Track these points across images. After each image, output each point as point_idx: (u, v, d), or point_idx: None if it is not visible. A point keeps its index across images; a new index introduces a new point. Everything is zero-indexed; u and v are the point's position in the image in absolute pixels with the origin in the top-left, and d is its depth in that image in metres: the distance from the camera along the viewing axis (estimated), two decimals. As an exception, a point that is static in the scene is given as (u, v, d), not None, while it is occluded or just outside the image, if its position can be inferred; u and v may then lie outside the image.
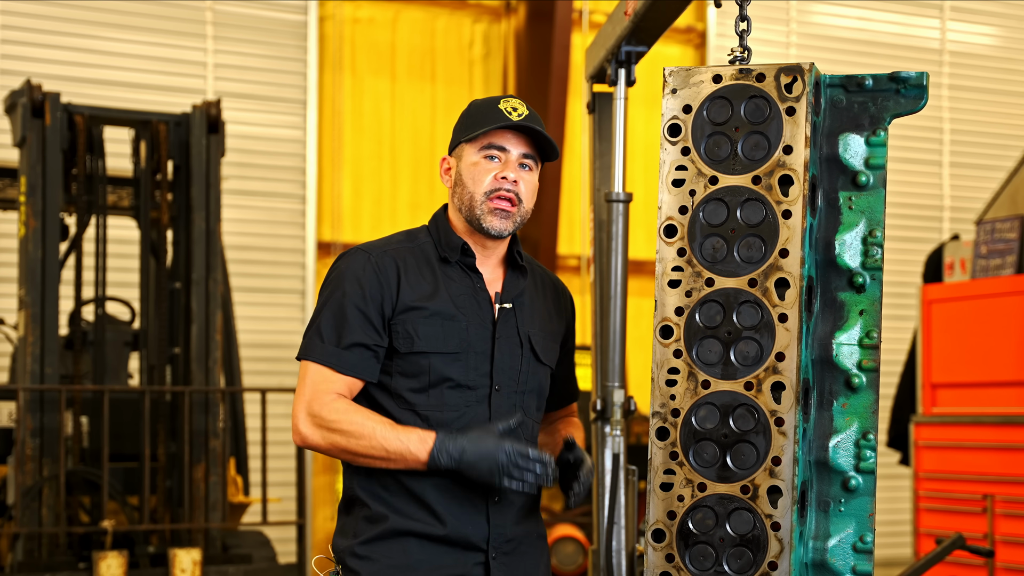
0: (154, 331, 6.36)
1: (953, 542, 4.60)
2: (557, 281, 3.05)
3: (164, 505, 6.27)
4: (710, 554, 2.49)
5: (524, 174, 2.84)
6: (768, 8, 11.20)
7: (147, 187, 6.42)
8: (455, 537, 2.75)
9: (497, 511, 2.79)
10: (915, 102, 2.58)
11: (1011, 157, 11.02)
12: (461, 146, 2.87)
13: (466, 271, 2.85)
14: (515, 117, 2.80)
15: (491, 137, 2.82)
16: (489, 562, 2.77)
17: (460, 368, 2.78)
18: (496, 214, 2.81)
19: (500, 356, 2.82)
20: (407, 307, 2.76)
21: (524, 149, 2.84)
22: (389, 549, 2.74)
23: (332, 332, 2.75)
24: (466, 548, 2.76)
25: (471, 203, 2.82)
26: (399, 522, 2.74)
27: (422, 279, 2.80)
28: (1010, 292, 6.72)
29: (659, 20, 3.93)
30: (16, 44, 8.98)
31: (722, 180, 2.55)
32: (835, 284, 2.58)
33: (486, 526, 2.77)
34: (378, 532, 2.75)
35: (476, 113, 2.86)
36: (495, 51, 10.55)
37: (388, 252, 2.82)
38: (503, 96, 2.86)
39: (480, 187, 2.81)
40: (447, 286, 2.81)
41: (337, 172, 9.94)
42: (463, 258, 2.85)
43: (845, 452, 2.55)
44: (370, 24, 10.15)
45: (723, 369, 2.51)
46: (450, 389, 2.77)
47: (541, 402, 2.94)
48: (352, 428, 2.69)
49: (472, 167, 2.82)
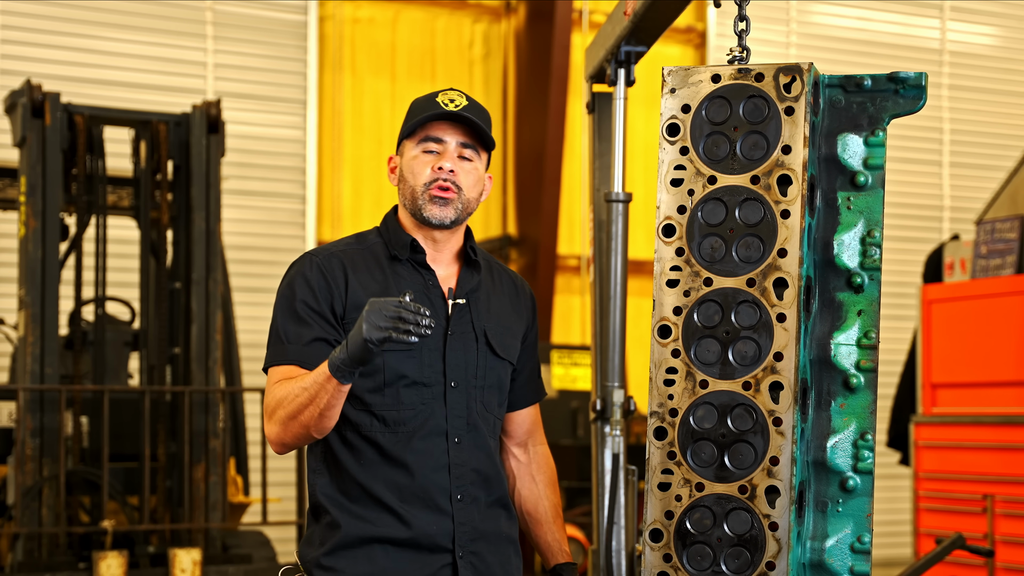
0: (154, 331, 6.36)
1: (953, 542, 4.60)
2: (516, 277, 3.04)
3: (164, 505, 6.27)
4: (708, 554, 2.49)
5: (463, 164, 2.82)
6: (768, 8, 11.20)
7: (147, 187, 6.42)
8: (420, 539, 2.73)
9: (462, 509, 2.77)
10: (914, 102, 2.58)
11: (1011, 157, 11.02)
12: (403, 144, 2.87)
13: (417, 268, 2.84)
14: (452, 108, 2.80)
15: (428, 129, 2.82)
16: (456, 562, 2.75)
17: (414, 365, 2.76)
18: (435, 202, 2.80)
19: (453, 352, 2.80)
20: (356, 306, 2.74)
21: (462, 139, 2.82)
22: (354, 558, 2.71)
23: (293, 333, 2.75)
24: (432, 550, 2.74)
25: (413, 196, 2.82)
26: (363, 529, 2.72)
27: (372, 279, 2.80)
28: (1010, 292, 6.72)
29: (659, 20, 3.93)
30: (16, 44, 8.98)
31: (721, 180, 2.55)
32: (833, 284, 2.58)
33: (451, 524, 2.75)
34: (342, 541, 2.72)
35: (415, 109, 2.85)
36: (495, 51, 10.55)
37: (335, 254, 2.82)
38: (443, 89, 2.86)
39: (420, 179, 2.81)
40: (397, 284, 2.80)
41: (337, 172, 9.95)
42: (413, 255, 2.84)
43: (843, 452, 2.55)
44: (370, 24, 10.16)
45: (721, 369, 2.51)
46: (406, 387, 2.75)
47: (502, 398, 2.92)
48: (282, 394, 2.68)
49: (412, 161, 2.83)
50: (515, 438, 3.04)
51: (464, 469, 2.79)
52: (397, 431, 2.75)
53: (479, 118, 2.83)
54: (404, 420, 2.75)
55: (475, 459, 2.82)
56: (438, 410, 2.77)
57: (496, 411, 2.89)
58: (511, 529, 2.89)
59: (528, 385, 3.03)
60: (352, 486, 2.75)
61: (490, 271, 2.96)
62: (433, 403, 2.77)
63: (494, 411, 2.88)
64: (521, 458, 3.05)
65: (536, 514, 3.02)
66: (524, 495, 3.03)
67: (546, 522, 3.02)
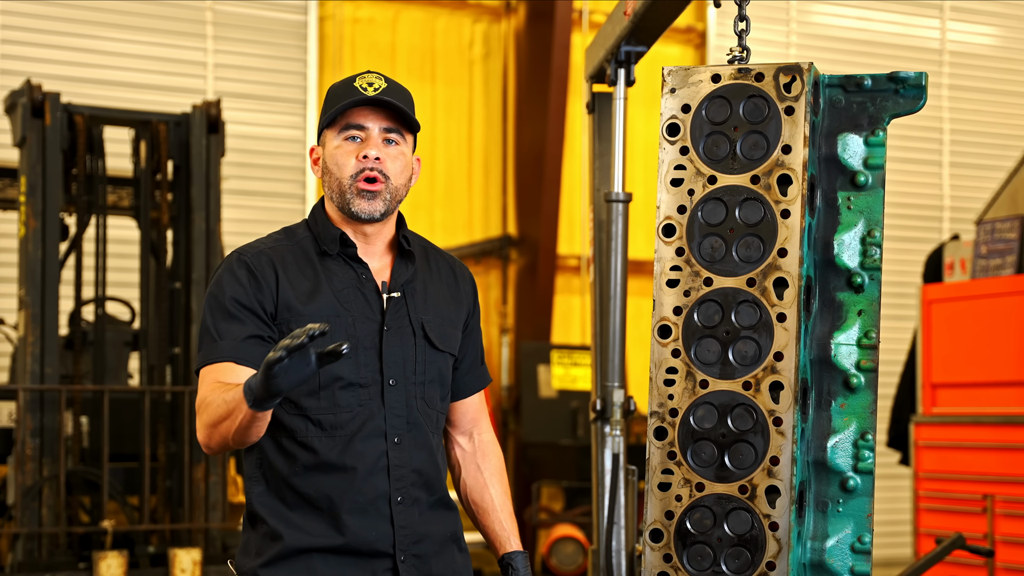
0: (154, 331, 6.36)
1: (953, 542, 4.60)
2: (455, 263, 2.91)
3: (164, 505, 6.27)
4: (708, 554, 2.49)
5: (389, 150, 2.70)
6: (768, 8, 11.20)
7: (147, 187, 6.42)
8: (360, 546, 2.62)
9: (402, 511, 2.67)
10: (914, 102, 2.58)
11: (1011, 157, 11.02)
12: (324, 134, 2.73)
13: (349, 263, 2.72)
14: (371, 92, 2.66)
15: (348, 117, 2.68)
16: (398, 567, 2.65)
17: (350, 366, 2.63)
18: (363, 196, 2.67)
19: (390, 349, 2.68)
20: (288, 307, 2.63)
21: (385, 123, 2.69)
22: (292, 569, 2.61)
23: (224, 330, 2.61)
24: (372, 556, 2.64)
25: (340, 189, 2.69)
26: (300, 539, 2.61)
27: (302, 277, 2.67)
28: (1010, 292, 6.72)
29: (659, 20, 3.93)
30: (16, 44, 8.98)
31: (721, 179, 2.55)
32: (834, 284, 2.58)
33: (390, 529, 2.65)
34: (280, 551, 2.61)
35: (333, 96, 2.71)
36: (495, 51, 10.55)
37: (264, 252, 2.69)
38: (360, 73, 2.73)
39: (345, 171, 2.68)
40: (329, 281, 2.68)
41: (337, 172, 9.94)
42: (344, 249, 2.71)
43: (843, 452, 2.55)
44: (370, 24, 10.16)
45: (721, 369, 2.51)
46: (341, 389, 2.63)
47: (445, 391, 2.81)
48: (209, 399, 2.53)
49: (335, 151, 2.69)
50: (459, 428, 2.93)
51: (404, 471, 2.68)
52: (334, 435, 2.64)
53: (401, 100, 2.69)
54: (341, 423, 2.64)
55: (416, 459, 2.70)
56: (376, 411, 2.66)
57: (439, 405, 2.78)
58: (455, 527, 2.80)
59: (471, 372, 2.91)
60: (289, 493, 2.64)
61: (426, 258, 2.84)
62: (371, 404, 2.66)
63: (436, 406, 2.77)
64: (466, 447, 2.94)
65: (482, 504, 2.92)
66: (469, 485, 2.93)
67: (492, 511, 2.91)
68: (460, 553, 2.81)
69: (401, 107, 2.69)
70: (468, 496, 2.94)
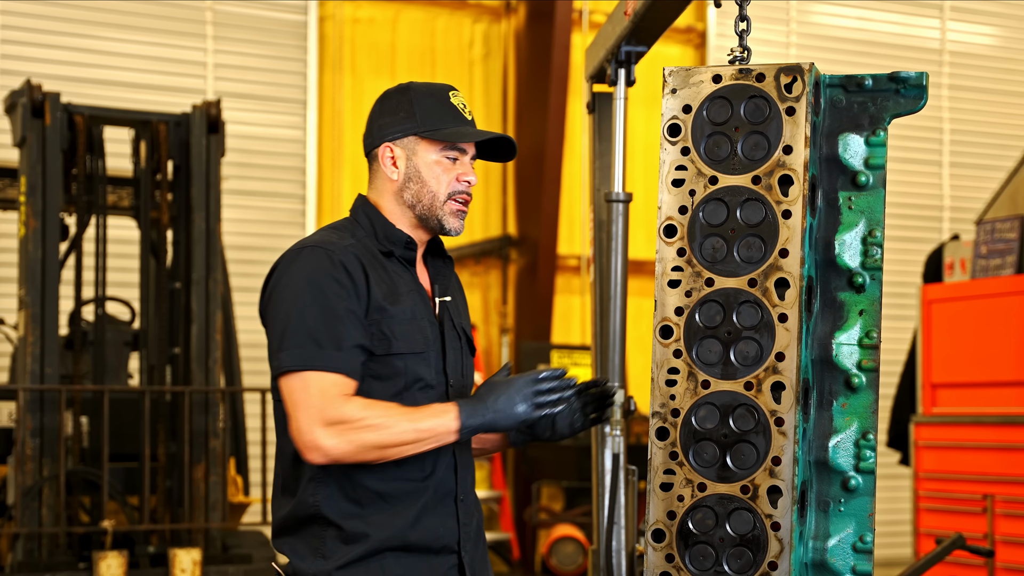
0: (154, 331, 6.36)
1: (953, 542, 4.60)
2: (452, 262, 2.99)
3: (164, 505, 6.27)
4: (710, 554, 2.49)
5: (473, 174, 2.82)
6: (768, 8, 11.21)
7: (147, 187, 6.42)
8: (430, 542, 2.69)
9: (463, 508, 2.75)
10: (915, 102, 2.58)
11: (1011, 157, 11.02)
12: (415, 140, 2.78)
13: (405, 266, 2.77)
14: (467, 115, 2.80)
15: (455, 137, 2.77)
16: (462, 562, 2.74)
17: (427, 367, 2.70)
18: (457, 215, 2.77)
19: (449, 352, 2.76)
20: (377, 307, 2.65)
21: (474, 151, 2.82)
22: (367, 570, 2.64)
23: (327, 336, 2.59)
24: (439, 552, 2.71)
25: (432, 202, 2.75)
26: (373, 540, 2.65)
27: (380, 275, 2.70)
28: (1010, 292, 6.72)
29: (659, 20, 3.93)
30: (16, 44, 8.98)
31: (722, 180, 2.55)
32: (835, 284, 2.58)
33: (456, 526, 2.73)
34: (356, 554, 2.64)
35: (432, 108, 2.77)
36: (495, 51, 10.55)
37: (348, 249, 2.69)
38: (448, 87, 2.80)
39: (443, 188, 2.75)
40: (397, 284, 2.72)
41: (337, 172, 9.94)
42: (406, 252, 2.77)
43: (845, 452, 2.55)
44: (370, 24, 10.16)
45: (723, 369, 2.51)
46: (420, 390, 2.69)
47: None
48: (379, 421, 2.56)
49: (434, 166, 2.76)
50: None
51: (465, 469, 2.78)
52: None
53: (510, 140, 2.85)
54: None
55: (468, 458, 2.82)
56: None
57: None
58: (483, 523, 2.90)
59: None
60: (365, 494, 2.66)
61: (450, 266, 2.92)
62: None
63: None
64: None
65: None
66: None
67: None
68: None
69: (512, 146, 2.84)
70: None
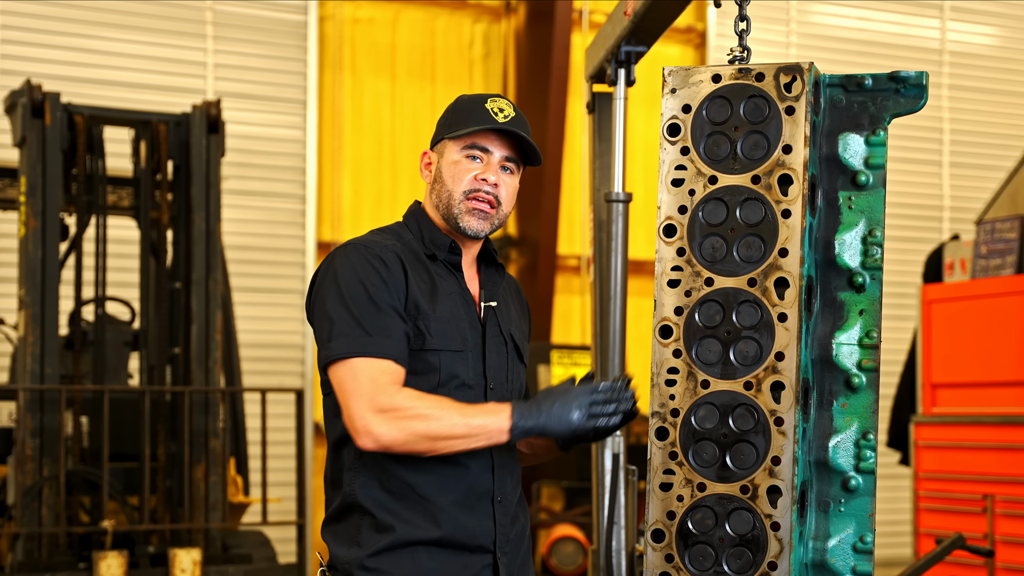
0: (154, 331, 6.36)
1: (953, 542, 4.60)
2: (515, 281, 3.03)
3: (164, 505, 6.27)
4: (709, 554, 2.49)
5: (505, 177, 2.80)
6: (768, 8, 11.20)
7: (147, 187, 6.42)
8: (465, 540, 2.72)
9: (501, 509, 2.78)
10: (915, 102, 2.58)
11: (1011, 157, 11.02)
12: (444, 142, 2.82)
13: (451, 269, 2.82)
14: (501, 119, 2.76)
15: (475, 137, 2.78)
16: (497, 563, 2.76)
17: (464, 366, 2.74)
18: (474, 215, 2.77)
19: (491, 355, 2.79)
20: (415, 303, 2.71)
21: (507, 152, 2.79)
22: (399, 560, 2.68)
23: (375, 325, 2.66)
24: (473, 551, 2.73)
25: (449, 201, 2.78)
26: (407, 531, 2.69)
27: (421, 278, 2.76)
28: (1010, 292, 6.72)
29: (659, 20, 3.93)
30: (16, 44, 8.98)
31: (721, 180, 2.55)
32: (835, 284, 2.58)
33: (492, 526, 2.76)
34: (387, 543, 2.68)
35: (462, 110, 2.81)
36: (495, 51, 10.55)
37: (389, 248, 2.75)
38: (491, 95, 2.82)
39: (459, 186, 2.77)
40: (439, 285, 2.78)
41: (337, 172, 9.95)
42: (449, 256, 2.81)
43: (845, 452, 2.55)
44: (370, 24, 10.16)
45: (722, 369, 2.51)
46: (456, 388, 2.73)
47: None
48: (430, 411, 2.61)
49: (453, 165, 2.79)
50: None
51: (504, 471, 2.80)
52: None
53: (526, 133, 2.80)
54: None
55: (511, 460, 2.83)
56: None
57: None
58: (528, 525, 2.91)
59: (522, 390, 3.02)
60: (399, 485, 2.70)
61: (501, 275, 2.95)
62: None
63: None
64: None
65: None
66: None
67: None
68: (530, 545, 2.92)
69: (528, 141, 2.78)
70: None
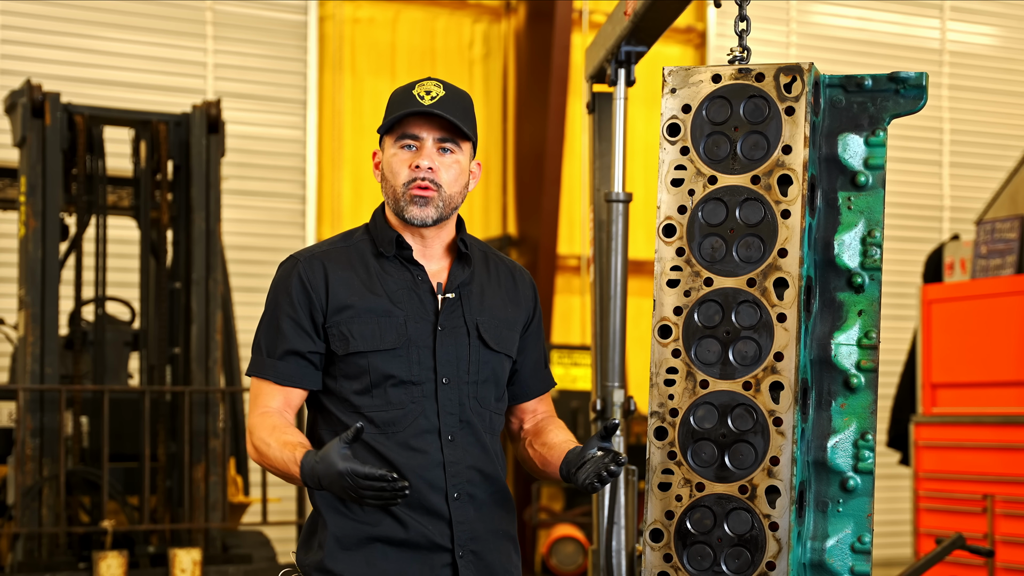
0: (154, 331, 6.36)
1: (953, 542, 4.60)
2: (516, 268, 2.97)
3: (164, 505, 6.27)
4: (708, 554, 2.49)
5: (444, 158, 2.76)
6: (768, 8, 11.20)
7: (147, 187, 6.42)
8: (419, 539, 2.70)
9: (458, 507, 2.73)
10: (914, 102, 2.58)
11: (1011, 157, 11.02)
12: (384, 140, 2.82)
13: (405, 265, 2.80)
14: (428, 100, 2.73)
15: (404, 126, 2.75)
16: (456, 562, 2.72)
17: (401, 364, 2.72)
18: (415, 203, 2.75)
19: (443, 348, 2.76)
20: (339, 308, 2.73)
21: (439, 133, 2.75)
22: (352, 561, 2.69)
23: (267, 345, 2.77)
24: (431, 550, 2.71)
25: (394, 196, 2.77)
26: (361, 531, 2.69)
27: (354, 278, 2.77)
28: (1010, 292, 6.72)
29: (659, 20, 3.93)
30: (16, 44, 8.98)
31: (721, 180, 2.55)
32: (834, 284, 2.58)
33: (447, 526, 2.72)
34: (341, 544, 2.70)
35: (393, 102, 2.79)
36: (495, 51, 10.55)
37: (316, 256, 2.79)
38: (420, 80, 2.80)
39: (399, 179, 2.76)
40: (383, 282, 2.77)
41: (337, 172, 9.95)
42: (400, 251, 2.80)
43: (843, 452, 2.55)
44: (370, 24, 10.16)
45: (722, 369, 2.51)
46: (393, 387, 2.72)
47: (500, 392, 2.86)
48: (262, 446, 2.70)
49: (392, 159, 2.78)
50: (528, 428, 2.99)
51: (459, 467, 2.74)
52: (387, 432, 2.71)
53: (456, 110, 2.75)
54: (394, 420, 2.72)
55: (470, 456, 2.76)
56: (429, 408, 2.73)
57: (493, 406, 2.84)
58: (510, 526, 2.85)
59: (534, 376, 2.97)
60: None
61: (486, 262, 2.91)
62: (424, 401, 2.73)
63: (490, 406, 2.82)
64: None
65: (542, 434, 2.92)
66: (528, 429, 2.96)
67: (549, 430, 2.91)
68: (515, 554, 2.86)
69: (453, 120, 2.75)
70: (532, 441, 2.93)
